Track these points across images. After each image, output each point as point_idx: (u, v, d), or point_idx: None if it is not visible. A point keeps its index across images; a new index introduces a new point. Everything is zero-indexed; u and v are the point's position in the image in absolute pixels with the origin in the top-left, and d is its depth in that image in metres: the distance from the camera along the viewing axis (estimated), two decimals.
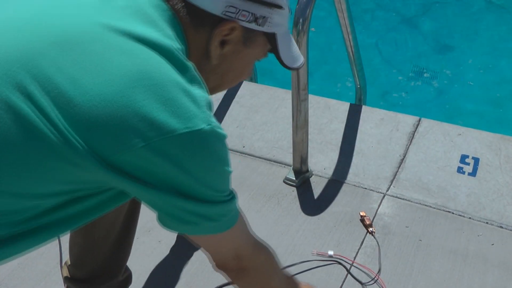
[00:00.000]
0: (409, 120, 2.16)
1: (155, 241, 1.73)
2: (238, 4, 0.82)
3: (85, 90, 0.69)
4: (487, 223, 1.75)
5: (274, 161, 2.07)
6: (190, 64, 0.76)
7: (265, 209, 1.85)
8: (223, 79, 0.93)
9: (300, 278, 1.56)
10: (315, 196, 1.90)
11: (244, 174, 2.00)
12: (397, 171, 1.97)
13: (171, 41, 0.76)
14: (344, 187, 1.93)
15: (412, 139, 2.08)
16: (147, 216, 1.08)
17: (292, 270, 1.61)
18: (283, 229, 1.76)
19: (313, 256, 1.66)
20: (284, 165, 2.04)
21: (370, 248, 1.68)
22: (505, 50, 3.39)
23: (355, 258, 1.66)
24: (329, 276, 1.61)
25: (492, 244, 1.68)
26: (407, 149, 2.05)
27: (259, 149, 2.13)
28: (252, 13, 0.84)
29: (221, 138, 0.77)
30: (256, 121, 2.25)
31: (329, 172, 1.99)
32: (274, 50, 0.92)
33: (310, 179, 1.97)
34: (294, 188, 1.93)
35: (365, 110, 2.23)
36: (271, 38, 0.90)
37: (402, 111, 2.24)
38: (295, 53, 0.99)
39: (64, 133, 0.69)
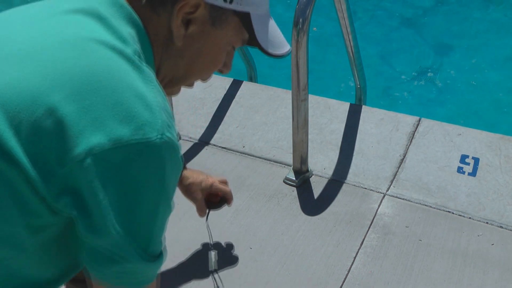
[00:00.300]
0: (409, 120, 2.16)
1: None
2: None
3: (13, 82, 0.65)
4: (487, 223, 1.75)
5: (274, 161, 2.07)
6: (145, 67, 0.71)
7: (265, 209, 1.85)
8: (193, 65, 0.85)
9: None
10: (315, 196, 1.90)
11: (244, 174, 2.00)
12: (397, 171, 1.97)
13: (124, 43, 0.71)
14: (344, 187, 1.93)
15: (412, 139, 2.08)
16: None
17: None
18: (283, 229, 1.76)
19: None
20: (284, 165, 2.04)
21: (370, 248, 1.68)
22: (505, 50, 3.39)
23: (355, 258, 1.66)
24: None
25: (492, 244, 1.68)
26: (407, 149, 2.05)
27: (259, 149, 2.13)
28: None
29: (173, 152, 0.70)
30: (256, 121, 2.25)
31: (329, 172, 1.99)
32: (249, 32, 0.83)
33: (310, 179, 1.97)
34: (294, 188, 1.93)
35: (365, 110, 2.23)
36: (244, 19, 0.81)
37: (402, 111, 2.24)
38: (278, 39, 0.88)
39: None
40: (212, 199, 1.52)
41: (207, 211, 1.51)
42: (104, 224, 0.68)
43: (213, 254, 1.60)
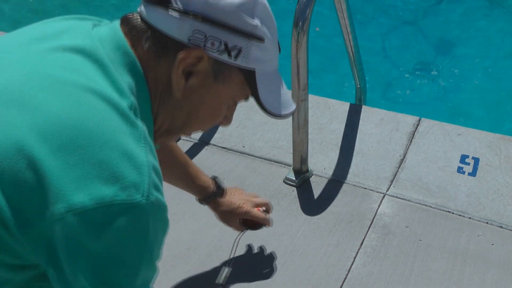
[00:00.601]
0: (409, 120, 2.16)
1: None
2: (206, 30, 0.72)
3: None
4: (487, 223, 1.75)
5: (274, 161, 2.07)
6: (139, 123, 0.68)
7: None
8: (191, 117, 0.81)
9: None
10: (315, 196, 1.90)
11: (244, 174, 2.00)
12: (397, 171, 1.97)
13: (120, 95, 0.68)
14: (344, 187, 1.93)
15: (412, 139, 2.08)
16: None
17: None
18: (283, 229, 1.76)
19: None
20: (284, 165, 2.04)
21: (370, 248, 1.68)
22: (506, 50, 3.39)
23: (355, 258, 1.66)
24: None
25: (492, 244, 1.68)
26: (407, 149, 2.05)
27: (259, 149, 2.13)
28: (222, 42, 0.73)
29: (159, 214, 0.67)
30: (256, 121, 2.25)
31: (329, 172, 1.99)
32: (252, 90, 0.79)
33: (310, 179, 1.97)
34: (294, 188, 1.93)
35: (365, 110, 2.23)
36: (249, 76, 0.78)
37: (402, 111, 2.24)
38: (284, 99, 0.84)
39: None
40: (249, 222, 1.49)
41: (244, 229, 1.49)
42: (76, 281, 0.65)
43: (226, 270, 1.54)
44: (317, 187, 1.93)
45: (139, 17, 0.75)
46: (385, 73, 3.36)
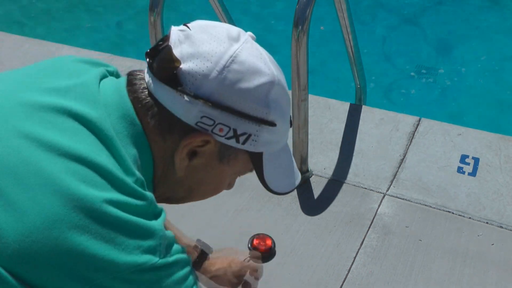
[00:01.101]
0: (409, 120, 2.16)
1: None
2: (215, 116, 0.68)
3: (15, 223, 0.59)
4: (487, 223, 1.75)
5: None
6: (147, 193, 0.67)
7: (265, 209, 1.85)
8: (193, 192, 0.81)
9: None
10: (315, 196, 1.90)
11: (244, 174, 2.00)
12: (397, 171, 1.97)
13: (125, 172, 0.66)
14: (344, 187, 1.93)
15: (412, 139, 2.08)
16: None
17: None
18: (283, 229, 1.76)
19: None
20: None
21: (370, 248, 1.68)
22: (506, 50, 3.39)
23: (355, 258, 1.66)
24: None
25: (492, 244, 1.68)
26: (407, 149, 2.04)
27: None
28: (232, 128, 0.69)
29: (182, 268, 0.69)
30: None
31: (329, 172, 1.99)
32: (257, 170, 0.77)
33: (310, 179, 1.97)
34: (294, 188, 1.93)
35: (365, 110, 2.23)
36: (255, 158, 0.75)
37: (402, 111, 2.24)
38: (290, 173, 0.83)
39: None
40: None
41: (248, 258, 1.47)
42: None
43: None
44: (317, 187, 1.93)
45: (146, 89, 0.71)
46: (385, 73, 3.36)
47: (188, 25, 0.72)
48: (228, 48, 0.68)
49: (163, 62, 0.68)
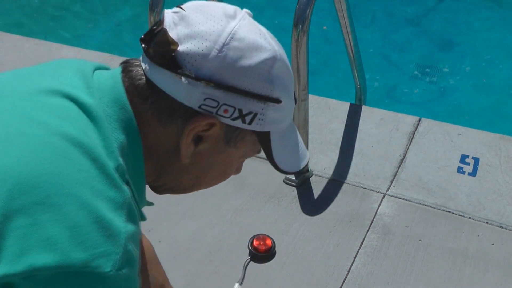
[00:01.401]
0: (409, 120, 2.16)
1: (155, 241, 1.72)
2: (219, 97, 0.65)
3: None
4: (487, 223, 1.75)
5: None
6: (124, 187, 0.63)
7: (265, 209, 1.85)
8: (200, 179, 0.77)
9: None
10: (315, 196, 1.90)
11: (244, 174, 1.99)
12: (397, 171, 1.97)
13: (108, 155, 0.63)
14: (344, 187, 1.93)
15: (412, 139, 2.08)
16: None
17: None
18: (283, 229, 1.76)
19: None
20: None
21: (370, 248, 1.68)
22: (506, 50, 3.39)
23: (355, 258, 1.66)
24: None
25: (492, 244, 1.68)
26: (407, 149, 2.04)
27: None
28: (237, 109, 0.66)
29: (127, 285, 0.61)
30: None
31: (329, 172, 1.99)
32: (266, 150, 0.74)
33: (310, 179, 1.97)
34: (294, 188, 1.93)
35: (365, 110, 2.23)
36: (262, 137, 0.72)
37: (402, 111, 2.24)
38: (298, 151, 0.80)
39: None
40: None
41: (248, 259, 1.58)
42: None
43: (236, 285, 1.58)
44: (317, 187, 1.93)
45: (143, 76, 0.69)
46: (385, 73, 3.36)
47: (182, 6, 0.69)
48: (225, 25, 0.66)
49: (159, 45, 0.66)
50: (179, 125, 0.68)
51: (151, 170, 0.74)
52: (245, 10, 0.71)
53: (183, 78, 0.64)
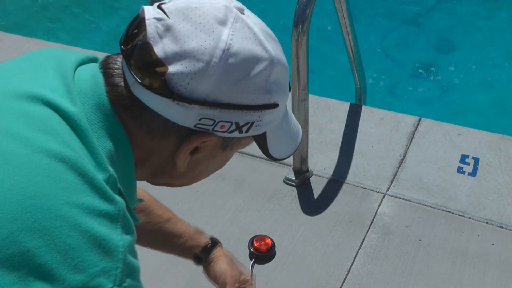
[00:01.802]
0: (409, 120, 2.16)
1: None
2: (216, 115, 0.62)
3: None
4: (487, 223, 1.75)
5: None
6: (117, 198, 0.60)
7: (265, 209, 1.85)
8: (193, 180, 0.77)
9: None
10: (315, 196, 1.90)
11: (244, 174, 2.00)
12: (397, 171, 1.97)
13: (97, 167, 0.60)
14: (344, 187, 1.92)
15: (412, 139, 2.08)
16: None
17: None
18: (283, 229, 1.76)
19: None
20: (284, 165, 2.04)
21: (370, 248, 1.68)
22: (506, 50, 3.39)
23: (355, 258, 1.66)
24: None
25: (492, 244, 1.68)
26: (407, 149, 2.04)
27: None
28: (234, 123, 0.64)
29: None
30: None
31: (329, 172, 1.99)
32: (262, 148, 0.72)
33: (310, 179, 1.97)
34: (294, 188, 1.93)
35: (365, 110, 2.23)
36: (259, 137, 0.70)
37: (402, 111, 2.24)
38: (291, 136, 0.77)
39: None
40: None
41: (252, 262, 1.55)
42: None
43: None
44: (317, 187, 1.93)
45: (128, 91, 0.63)
46: (386, 73, 3.36)
47: (164, 8, 0.62)
48: (218, 39, 0.60)
49: (145, 65, 0.60)
50: (173, 142, 0.65)
51: (145, 173, 0.72)
52: (235, 5, 0.64)
53: (175, 102, 0.60)
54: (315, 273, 1.61)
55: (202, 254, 1.16)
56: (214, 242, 1.19)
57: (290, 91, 0.73)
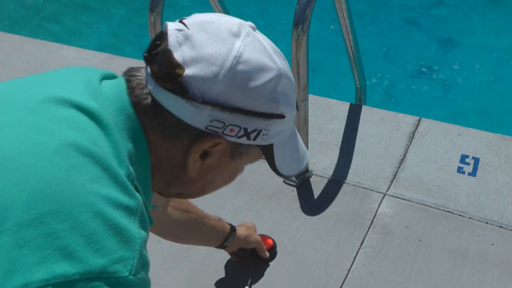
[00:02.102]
0: (409, 120, 2.16)
1: (155, 241, 1.72)
2: (225, 118, 0.67)
3: None
4: (487, 223, 1.75)
5: None
6: (137, 194, 0.65)
7: (265, 209, 1.85)
8: (205, 189, 0.81)
9: None
10: (315, 196, 1.90)
11: (244, 174, 1.99)
12: (397, 171, 1.97)
13: (119, 163, 0.64)
14: (344, 187, 1.93)
15: (412, 139, 2.08)
16: None
17: None
18: (283, 229, 1.76)
19: None
20: None
21: (370, 248, 1.68)
22: (506, 50, 3.39)
23: (355, 258, 1.66)
24: None
25: (492, 244, 1.68)
26: (407, 149, 2.05)
27: None
28: (242, 128, 0.69)
29: None
30: None
31: (329, 172, 1.99)
32: (269, 160, 0.78)
33: (310, 179, 1.97)
34: (294, 188, 1.93)
35: (365, 110, 2.23)
36: (266, 148, 0.75)
37: (402, 111, 2.24)
38: (298, 155, 0.82)
39: None
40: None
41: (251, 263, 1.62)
42: None
43: None
44: (317, 187, 1.93)
45: (148, 94, 0.69)
46: (385, 73, 3.36)
47: (185, 21, 0.69)
48: (231, 47, 0.66)
49: (165, 68, 0.66)
50: (185, 144, 0.70)
51: (159, 181, 0.76)
52: (249, 24, 0.71)
53: (190, 103, 0.66)
54: (315, 273, 1.61)
55: (228, 241, 1.42)
56: (232, 228, 1.43)
57: (297, 110, 0.79)
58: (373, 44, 3.52)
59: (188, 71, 0.65)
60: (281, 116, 0.71)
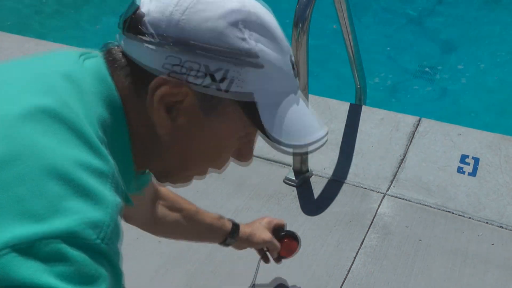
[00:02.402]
0: (409, 120, 2.16)
1: (155, 241, 1.72)
2: (180, 52, 0.63)
3: None
4: (487, 223, 1.75)
5: (274, 161, 2.07)
6: (109, 158, 0.60)
7: (265, 209, 1.85)
8: (186, 160, 0.72)
9: None
10: (315, 196, 1.90)
11: (244, 174, 2.00)
12: (397, 171, 1.97)
13: (90, 124, 0.61)
14: (344, 187, 1.93)
15: (412, 139, 2.08)
16: None
17: None
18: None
19: None
20: (284, 165, 2.04)
21: (370, 248, 1.68)
22: (506, 50, 3.39)
23: (355, 258, 1.66)
24: None
25: (492, 244, 1.68)
26: (407, 149, 2.04)
27: (259, 149, 2.12)
28: (203, 65, 0.63)
29: (111, 260, 0.55)
30: None
31: (329, 172, 1.99)
32: (256, 124, 0.67)
33: (310, 179, 1.97)
34: (294, 188, 1.93)
35: (365, 110, 2.23)
36: (248, 108, 0.66)
37: (402, 111, 2.24)
38: (300, 126, 0.73)
39: None
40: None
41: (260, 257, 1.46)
42: None
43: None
44: (317, 187, 1.93)
45: (120, 51, 0.68)
46: (386, 73, 3.36)
47: None
48: None
49: (131, 20, 0.66)
50: (149, 94, 0.65)
51: (140, 153, 0.72)
52: None
53: (145, 38, 0.64)
54: (315, 273, 1.61)
55: (231, 239, 1.32)
56: (235, 225, 1.32)
57: (295, 73, 0.71)
58: (374, 43, 3.52)
59: (147, 17, 0.64)
60: (255, 56, 0.64)
